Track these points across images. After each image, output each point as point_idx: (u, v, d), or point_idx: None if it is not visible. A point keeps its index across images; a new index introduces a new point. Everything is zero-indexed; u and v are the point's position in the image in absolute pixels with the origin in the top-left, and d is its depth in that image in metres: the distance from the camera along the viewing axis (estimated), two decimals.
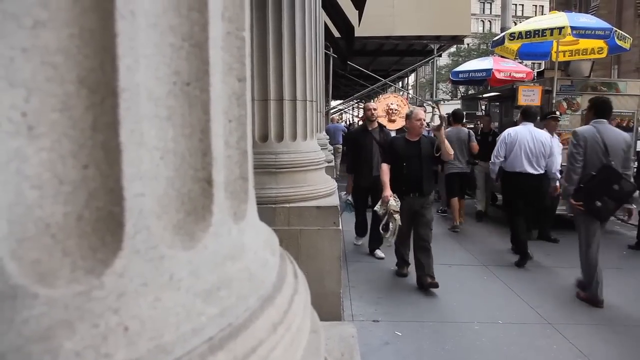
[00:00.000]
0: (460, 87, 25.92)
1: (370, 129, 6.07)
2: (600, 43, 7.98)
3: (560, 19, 7.45)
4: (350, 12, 8.66)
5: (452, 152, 4.82)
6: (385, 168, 4.85)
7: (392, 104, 12.62)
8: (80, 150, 0.46)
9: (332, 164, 7.33)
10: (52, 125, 0.46)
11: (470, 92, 16.55)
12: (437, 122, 5.84)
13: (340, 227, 3.40)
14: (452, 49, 39.02)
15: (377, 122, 6.23)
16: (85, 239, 0.46)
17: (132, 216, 0.49)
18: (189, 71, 0.58)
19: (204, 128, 0.59)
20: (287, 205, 3.33)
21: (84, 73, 0.46)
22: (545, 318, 4.10)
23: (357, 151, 5.98)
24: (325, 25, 9.31)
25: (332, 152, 9.82)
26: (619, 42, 7.39)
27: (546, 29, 7.25)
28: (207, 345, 0.52)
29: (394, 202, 4.59)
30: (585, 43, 8.21)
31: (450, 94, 38.78)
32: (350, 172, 6.13)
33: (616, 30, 7.33)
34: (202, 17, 0.59)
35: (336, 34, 10.29)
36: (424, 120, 5.61)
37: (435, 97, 18.50)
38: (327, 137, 10.10)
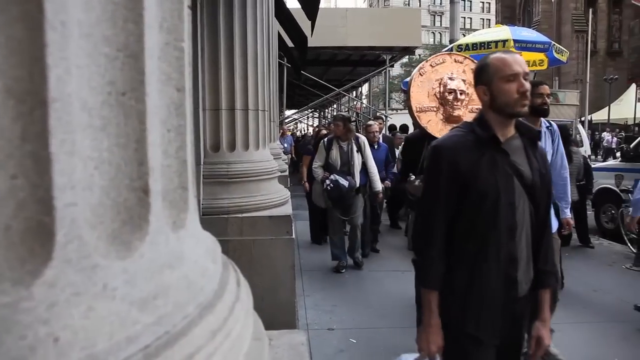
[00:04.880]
0: None
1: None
2: (540, 56, 8.37)
3: (504, 32, 7.80)
4: (304, 23, 8.75)
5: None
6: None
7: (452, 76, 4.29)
8: (8, 160, 0.46)
9: (286, 173, 7.32)
10: None
11: None
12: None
13: (294, 236, 3.41)
14: (405, 60, 39.94)
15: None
16: (13, 250, 0.46)
17: (64, 226, 0.49)
18: (124, 81, 0.58)
19: (139, 138, 0.60)
20: (240, 215, 3.31)
21: (10, 83, 0.46)
22: None
23: None
24: (279, 35, 9.37)
25: (287, 161, 9.83)
26: (557, 55, 7.80)
27: (491, 42, 7.56)
28: (143, 353, 0.52)
29: None
30: (527, 55, 8.58)
31: (403, 103, 39.57)
32: None
33: (554, 44, 7.73)
34: (138, 28, 0.59)
35: (290, 44, 10.36)
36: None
37: (389, 106, 18.85)
38: (282, 146, 10.10)
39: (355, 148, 5.57)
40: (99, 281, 0.52)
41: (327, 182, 5.33)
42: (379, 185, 5.79)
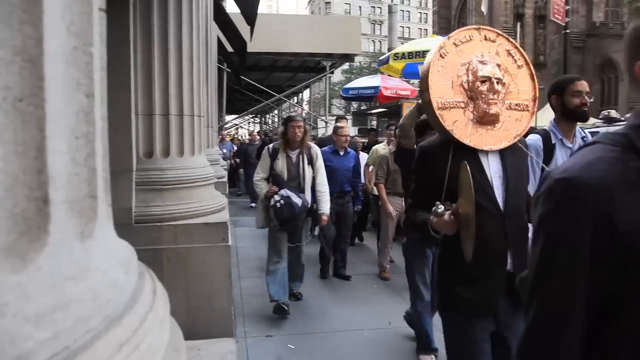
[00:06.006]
0: (354, 103, 26.95)
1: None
2: None
3: (438, 42, 8.09)
4: (244, 28, 8.69)
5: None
6: None
7: (483, 59, 2.29)
8: None
9: (224, 179, 7.16)
10: None
11: (362, 107, 17.27)
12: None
13: (230, 243, 3.37)
14: (345, 67, 40.57)
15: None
16: None
17: None
18: (22, 86, 0.56)
19: (39, 145, 0.57)
20: (174, 222, 3.23)
21: None
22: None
23: None
24: (219, 39, 9.25)
25: (227, 167, 9.70)
26: None
27: (426, 51, 7.82)
28: None
29: None
30: None
31: (343, 109, 40.12)
32: None
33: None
34: (37, 31, 0.57)
35: (230, 48, 10.26)
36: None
37: (329, 112, 19.07)
38: (221, 152, 9.97)
39: (306, 159, 4.61)
40: None
41: (277, 197, 4.36)
42: (327, 207, 4.74)
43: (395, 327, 4.19)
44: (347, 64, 23.39)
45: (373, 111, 10.30)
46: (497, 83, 2.19)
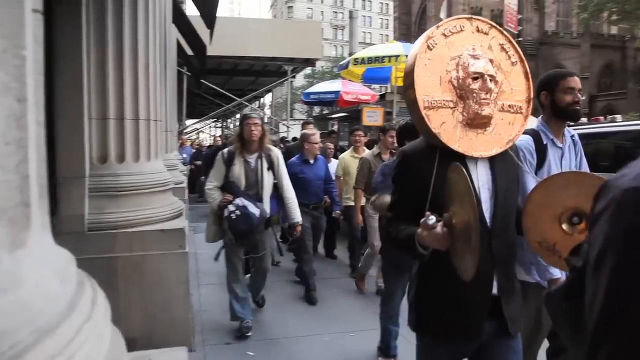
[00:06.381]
0: (316, 107, 27.06)
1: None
2: None
3: (397, 47, 8.25)
4: (204, 31, 8.59)
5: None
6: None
7: (475, 52, 2.01)
8: None
9: (183, 185, 6.97)
10: None
11: (324, 112, 17.37)
12: None
13: (188, 250, 3.31)
14: (308, 71, 40.72)
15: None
16: None
17: None
18: None
19: None
20: (129, 230, 3.16)
21: None
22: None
23: None
24: (179, 42, 9.11)
25: (186, 172, 9.55)
26: None
27: (385, 56, 7.95)
28: None
29: None
30: None
31: (306, 113, 40.21)
32: None
33: None
34: None
35: (190, 52, 10.12)
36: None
37: (291, 117, 19.08)
38: (181, 157, 9.82)
39: (265, 164, 4.15)
40: None
41: (232, 208, 3.88)
42: (298, 215, 4.34)
43: (354, 330, 4.22)
44: (309, 68, 23.47)
45: (334, 115, 10.37)
46: (491, 81, 1.92)
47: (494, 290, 1.84)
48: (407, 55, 7.75)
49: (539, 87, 2.65)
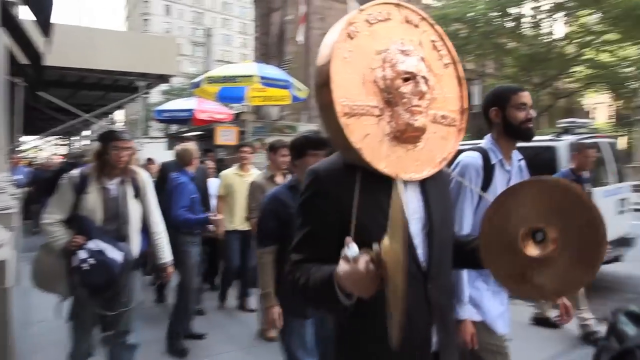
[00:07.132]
0: (173, 125, 26.14)
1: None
2: (285, 92, 9.19)
3: (251, 68, 8.36)
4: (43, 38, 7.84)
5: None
6: None
7: (405, 47, 1.56)
8: None
9: (10, 210, 6.10)
10: None
11: (181, 129, 16.87)
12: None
13: (10, 286, 2.96)
14: (165, 87, 39.32)
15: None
16: None
17: None
18: None
19: None
20: None
21: None
22: None
23: None
24: (10, 49, 8.20)
25: (20, 196, 8.56)
26: (296, 93, 8.68)
27: (238, 76, 8.00)
28: None
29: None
30: (272, 91, 9.32)
31: (163, 132, 38.76)
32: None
33: (293, 82, 8.59)
34: None
35: (26, 60, 9.17)
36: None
37: (147, 134, 18.22)
38: (13, 178, 8.77)
39: (131, 191, 3.34)
40: None
41: (83, 255, 2.99)
42: (167, 254, 3.55)
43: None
44: (166, 84, 22.67)
45: (189, 134, 10.14)
46: (424, 83, 1.50)
47: (434, 347, 1.47)
48: (261, 77, 7.94)
49: (488, 102, 2.44)
